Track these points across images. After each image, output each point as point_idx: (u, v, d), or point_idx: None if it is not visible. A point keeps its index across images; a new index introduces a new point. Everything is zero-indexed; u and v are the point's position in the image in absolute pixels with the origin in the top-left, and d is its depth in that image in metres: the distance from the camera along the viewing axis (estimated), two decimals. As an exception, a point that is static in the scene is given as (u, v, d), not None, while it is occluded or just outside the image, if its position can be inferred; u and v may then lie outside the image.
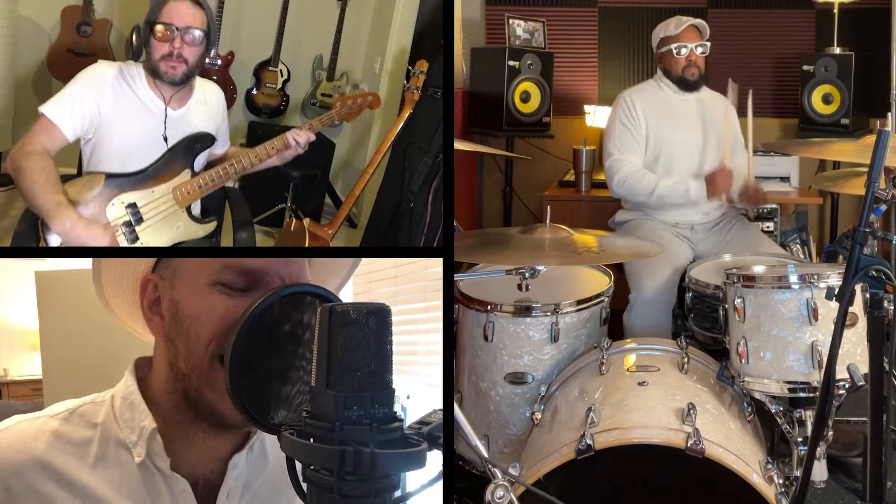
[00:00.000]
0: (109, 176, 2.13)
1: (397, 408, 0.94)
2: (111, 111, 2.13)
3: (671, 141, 3.11)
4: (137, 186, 2.16)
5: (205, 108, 2.30)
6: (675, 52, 3.08)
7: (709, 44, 3.11)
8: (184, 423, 1.17)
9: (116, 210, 2.12)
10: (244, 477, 1.22)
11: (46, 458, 1.11)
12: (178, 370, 1.15)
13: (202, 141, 2.28)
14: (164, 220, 2.20)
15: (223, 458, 1.20)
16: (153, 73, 2.17)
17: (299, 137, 2.36)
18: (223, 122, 2.40)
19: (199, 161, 2.29)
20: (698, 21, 3.12)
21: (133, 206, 2.14)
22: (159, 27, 2.13)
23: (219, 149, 2.40)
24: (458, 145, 2.86)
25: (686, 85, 3.11)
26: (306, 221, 2.60)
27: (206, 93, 2.33)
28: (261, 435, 1.24)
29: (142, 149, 2.19)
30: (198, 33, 2.16)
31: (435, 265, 2.69)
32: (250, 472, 1.23)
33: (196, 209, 2.31)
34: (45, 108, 2.09)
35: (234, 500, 1.20)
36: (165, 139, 2.20)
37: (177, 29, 2.13)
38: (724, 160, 3.01)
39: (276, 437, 1.02)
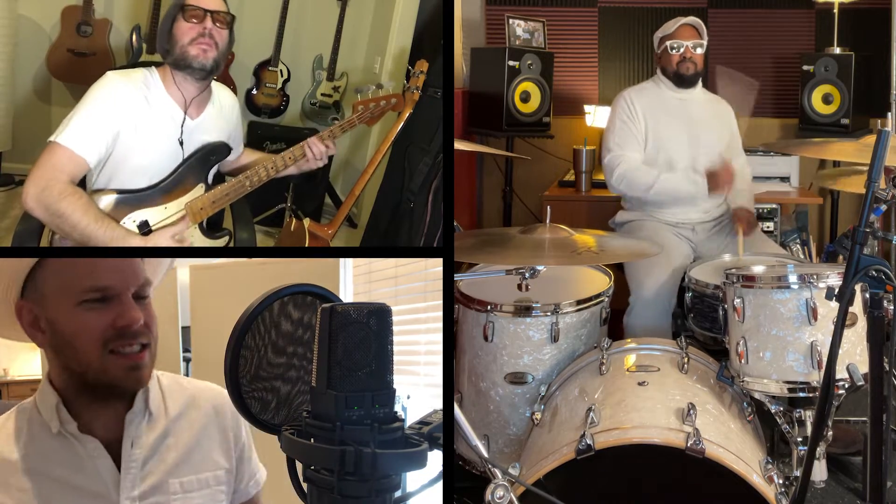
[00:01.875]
0: (120, 192, 2.05)
1: (397, 408, 0.94)
2: (129, 129, 2.03)
3: (669, 139, 3.11)
4: (149, 203, 2.07)
5: (220, 116, 2.24)
6: (670, 48, 3.10)
7: (706, 42, 3.13)
8: (85, 400, 1.35)
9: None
10: (143, 425, 1.37)
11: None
12: (72, 370, 1.33)
13: (217, 153, 2.21)
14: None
15: (121, 418, 1.36)
16: (179, 64, 2.07)
17: (317, 148, 2.28)
18: (237, 128, 2.35)
19: (212, 172, 2.22)
20: (692, 19, 3.14)
21: (145, 223, 2.07)
22: (189, 7, 2.06)
23: (232, 155, 2.36)
24: (458, 145, 2.86)
25: (682, 80, 3.12)
26: (306, 221, 2.60)
27: (222, 98, 2.27)
28: (145, 393, 1.39)
29: (158, 162, 2.11)
30: (226, 16, 2.10)
31: (435, 265, 2.68)
32: (148, 420, 1.38)
33: (204, 221, 2.23)
34: (63, 139, 1.94)
35: (140, 448, 1.35)
36: (181, 143, 2.13)
37: (206, 11, 2.07)
38: (725, 158, 3.02)
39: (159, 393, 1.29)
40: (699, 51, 3.12)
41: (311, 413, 0.93)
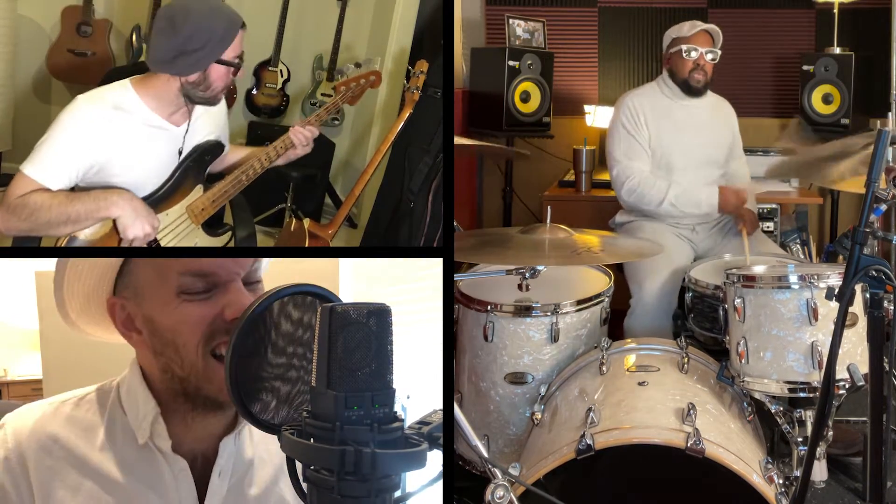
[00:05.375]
0: None
1: (397, 408, 0.94)
2: (110, 153, 1.95)
3: (672, 146, 3.08)
4: None
5: (209, 113, 2.18)
6: (684, 53, 3.03)
7: (719, 52, 3.07)
8: (182, 411, 1.25)
9: None
10: (233, 458, 1.29)
11: (61, 437, 1.23)
12: (174, 374, 1.22)
13: (212, 151, 2.18)
14: (182, 241, 2.12)
15: (217, 436, 1.28)
16: (190, 98, 2.02)
17: (302, 135, 2.27)
18: (226, 122, 2.30)
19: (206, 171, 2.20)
20: (712, 27, 3.07)
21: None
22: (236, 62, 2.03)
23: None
24: (459, 140, 2.85)
25: (689, 90, 3.07)
26: (306, 221, 2.60)
27: None
28: None
29: (157, 172, 2.07)
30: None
31: (435, 265, 2.68)
32: (238, 453, 1.30)
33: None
34: (28, 170, 1.89)
35: (225, 480, 1.27)
36: (180, 152, 2.10)
37: (238, 59, 2.05)
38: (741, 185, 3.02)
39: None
40: (711, 59, 3.05)
41: (311, 413, 0.92)
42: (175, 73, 1.98)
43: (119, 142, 1.96)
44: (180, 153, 2.09)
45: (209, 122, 2.18)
